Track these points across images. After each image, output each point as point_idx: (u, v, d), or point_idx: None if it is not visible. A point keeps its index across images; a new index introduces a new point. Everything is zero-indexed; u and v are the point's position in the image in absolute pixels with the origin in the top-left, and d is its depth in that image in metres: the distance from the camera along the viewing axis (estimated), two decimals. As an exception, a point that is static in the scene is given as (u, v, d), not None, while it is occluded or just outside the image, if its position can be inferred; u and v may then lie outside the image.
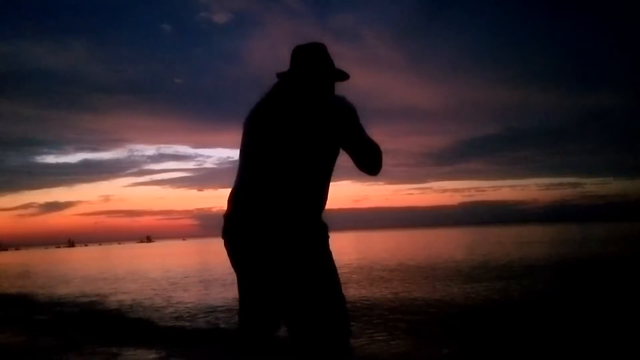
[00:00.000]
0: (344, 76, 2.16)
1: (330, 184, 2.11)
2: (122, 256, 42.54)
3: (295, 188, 1.88)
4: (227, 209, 2.01)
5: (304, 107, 1.94)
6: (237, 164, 2.08)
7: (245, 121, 2.08)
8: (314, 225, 1.92)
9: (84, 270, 21.96)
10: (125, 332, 5.96)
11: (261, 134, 1.98)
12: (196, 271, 16.61)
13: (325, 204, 1.99)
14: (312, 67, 2.07)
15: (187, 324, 6.36)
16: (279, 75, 2.11)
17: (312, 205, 1.91)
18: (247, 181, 1.97)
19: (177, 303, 8.47)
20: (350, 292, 8.11)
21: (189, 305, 8.06)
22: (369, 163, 2.04)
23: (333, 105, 1.94)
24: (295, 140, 1.89)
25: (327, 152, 1.95)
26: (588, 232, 36.94)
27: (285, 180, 1.87)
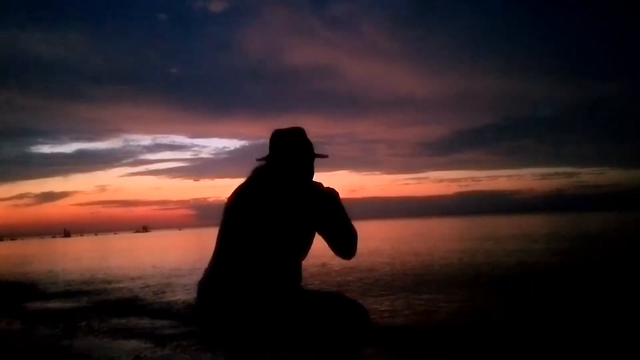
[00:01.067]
0: (322, 157, 2.19)
1: (327, 174, 2.24)
2: (119, 246, 42.57)
3: (269, 279, 1.90)
4: (197, 297, 2.01)
5: (285, 197, 1.98)
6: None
7: (225, 207, 2.08)
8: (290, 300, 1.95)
9: (82, 260, 21.99)
10: (124, 320, 6.00)
11: (240, 223, 2.00)
12: (193, 261, 16.68)
13: (300, 279, 2.02)
14: (292, 154, 2.09)
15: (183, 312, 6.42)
16: (260, 160, 2.13)
17: (286, 289, 1.94)
18: (220, 271, 1.98)
19: (176, 292, 8.53)
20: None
21: (187, 295, 8.11)
22: (346, 249, 2.06)
23: (313, 195, 2.00)
24: (273, 232, 1.93)
25: (304, 241, 1.99)
26: (584, 223, 37.12)
27: (259, 271, 1.90)
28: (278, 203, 1.96)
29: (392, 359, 3.80)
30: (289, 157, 2.09)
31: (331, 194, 2.04)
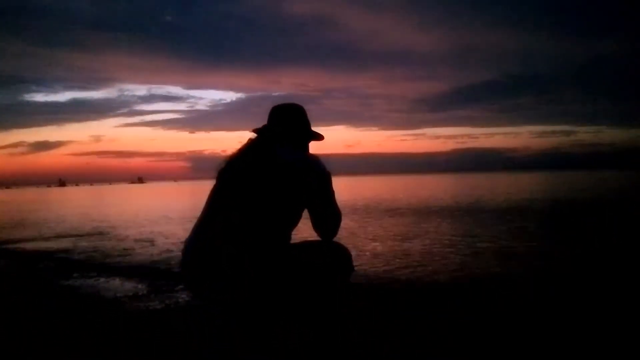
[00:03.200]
0: (318, 137, 2.22)
1: (324, 129, 2.22)
2: (115, 196, 42.78)
3: (253, 244, 1.92)
4: (183, 257, 2.04)
5: (273, 167, 1.99)
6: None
7: (218, 170, 2.11)
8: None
9: (78, 208, 22.18)
10: (120, 262, 6.18)
11: (227, 189, 2.04)
12: (191, 211, 16.87)
13: (286, 245, 2.03)
14: (288, 127, 2.14)
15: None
16: (255, 131, 2.16)
17: (270, 253, 1.94)
18: (203, 233, 2.01)
19: (171, 239, 8.70)
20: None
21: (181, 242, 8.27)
22: (326, 231, 2.08)
23: (305, 169, 2.00)
24: (257, 200, 1.95)
25: (290, 212, 2.01)
26: (580, 181, 37.17)
27: (241, 236, 1.92)
28: (268, 173, 1.99)
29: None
30: (285, 130, 2.13)
31: (324, 174, 2.05)
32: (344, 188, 35.79)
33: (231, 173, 2.07)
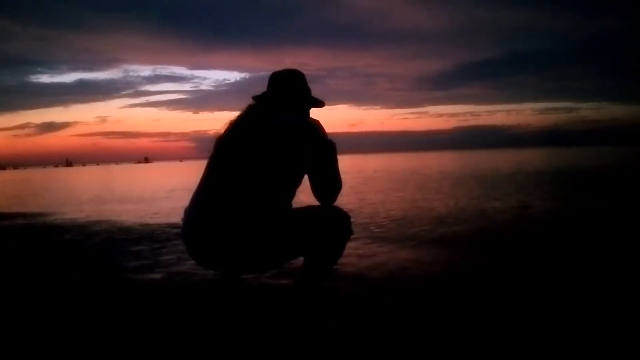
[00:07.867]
0: (319, 103, 2.23)
1: (327, 109, 2.25)
2: (125, 175, 42.48)
3: (251, 205, 1.91)
4: (183, 222, 2.06)
5: (269, 133, 1.98)
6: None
7: (216, 138, 2.13)
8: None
9: (91, 188, 22.34)
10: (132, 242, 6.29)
11: (224, 157, 2.05)
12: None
13: (288, 208, 2.04)
14: (286, 93, 2.14)
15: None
16: (255, 98, 2.18)
17: (268, 214, 1.93)
18: (200, 203, 2.03)
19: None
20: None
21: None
22: (323, 197, 2.09)
23: (302, 134, 1.99)
24: (254, 167, 1.95)
25: (287, 178, 2.00)
26: (580, 157, 36.71)
27: (238, 206, 1.92)
28: (264, 139, 1.97)
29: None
30: (283, 96, 2.13)
31: (322, 139, 2.04)
32: (348, 166, 35.68)
33: (228, 141, 2.07)
